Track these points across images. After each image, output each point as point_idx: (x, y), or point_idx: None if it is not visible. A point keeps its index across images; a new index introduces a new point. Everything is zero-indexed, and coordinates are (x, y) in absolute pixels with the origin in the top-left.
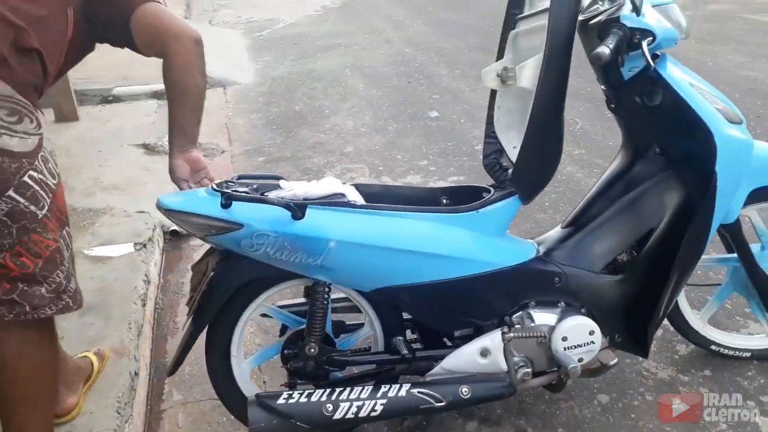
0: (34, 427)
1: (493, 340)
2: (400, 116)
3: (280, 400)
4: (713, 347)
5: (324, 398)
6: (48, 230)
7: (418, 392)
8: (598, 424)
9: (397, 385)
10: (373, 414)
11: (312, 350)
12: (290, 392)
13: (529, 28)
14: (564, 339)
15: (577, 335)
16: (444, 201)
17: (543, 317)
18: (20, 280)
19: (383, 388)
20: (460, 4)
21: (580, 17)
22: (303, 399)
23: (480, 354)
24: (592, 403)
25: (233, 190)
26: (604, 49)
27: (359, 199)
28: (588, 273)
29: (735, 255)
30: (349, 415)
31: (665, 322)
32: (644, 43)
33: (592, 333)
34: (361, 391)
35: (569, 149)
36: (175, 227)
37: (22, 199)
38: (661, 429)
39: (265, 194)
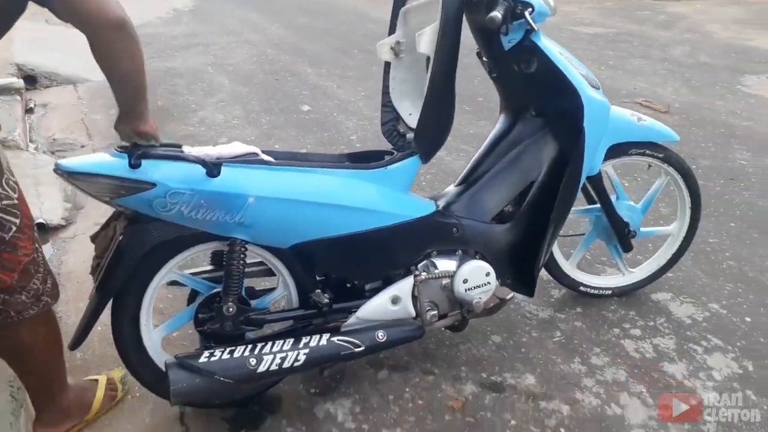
0: (53, 378)
1: (402, 287)
2: (271, 110)
3: (202, 359)
4: (581, 288)
5: (247, 353)
6: (18, 248)
7: (338, 340)
8: (495, 359)
9: (318, 335)
10: (297, 364)
11: (230, 309)
12: (211, 351)
13: (418, 4)
14: (465, 281)
15: (476, 277)
16: (347, 164)
17: (445, 264)
18: (0, 292)
19: (305, 339)
20: (314, 10)
21: None
22: (225, 356)
23: (391, 301)
24: (487, 343)
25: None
26: (497, 14)
27: (271, 160)
28: (480, 223)
29: (597, 206)
30: (273, 367)
31: (541, 271)
32: (526, 12)
33: (488, 274)
34: (283, 344)
35: None
36: (41, 220)
37: None
38: (547, 358)
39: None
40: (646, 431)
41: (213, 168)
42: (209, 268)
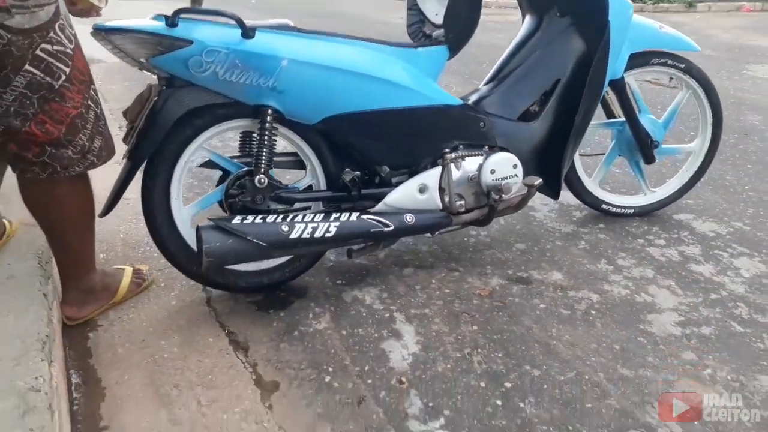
0: (84, 251)
1: (430, 176)
2: None
3: (235, 221)
4: (604, 206)
5: (280, 219)
6: (66, 99)
7: (368, 218)
8: (520, 261)
9: (348, 213)
10: (328, 235)
11: (262, 181)
12: (244, 216)
13: None
14: (492, 172)
15: (503, 167)
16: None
17: (472, 155)
18: (47, 144)
19: (335, 215)
20: (323, 13)
21: None
22: (258, 220)
23: (419, 190)
24: (512, 249)
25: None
26: None
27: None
28: (506, 120)
29: (619, 119)
30: (305, 235)
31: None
32: None
33: (515, 166)
34: (315, 216)
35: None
36: None
37: (37, 71)
38: (573, 260)
39: None
40: (679, 313)
41: (249, 29)
42: (239, 154)
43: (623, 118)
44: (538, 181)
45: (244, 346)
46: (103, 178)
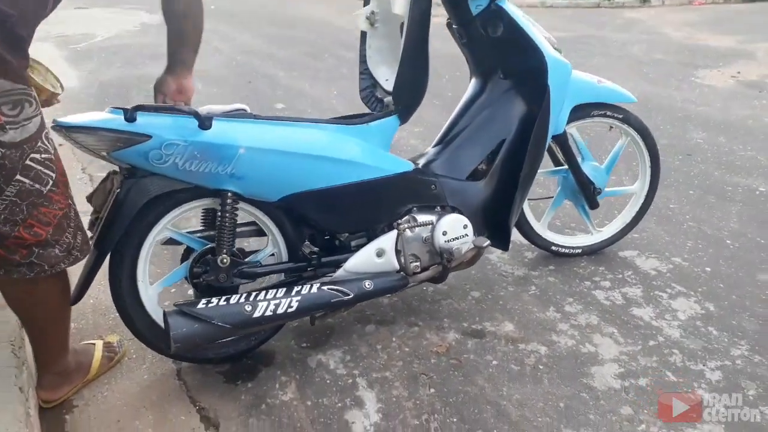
0: (60, 338)
1: (386, 240)
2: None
3: (200, 306)
4: (553, 248)
5: (242, 300)
6: (53, 202)
7: (329, 288)
8: (475, 311)
9: (308, 285)
10: (290, 311)
11: (224, 261)
12: (208, 299)
13: None
14: (444, 233)
15: (454, 228)
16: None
17: (425, 218)
18: (35, 246)
19: (297, 288)
20: (282, 20)
21: None
22: (222, 303)
23: (376, 254)
24: (467, 298)
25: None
26: None
27: (259, 116)
28: (456, 180)
29: (564, 167)
30: (268, 313)
31: (515, 234)
32: None
33: (465, 227)
34: (277, 292)
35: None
36: None
37: (27, 180)
38: (524, 308)
39: None
40: (619, 364)
41: (205, 120)
42: (201, 228)
43: (566, 166)
44: (486, 243)
45: (215, 423)
46: None
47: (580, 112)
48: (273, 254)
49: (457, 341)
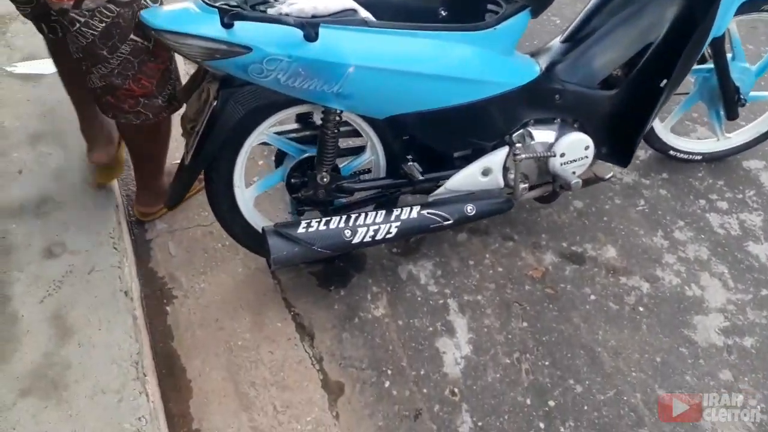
0: (159, 163)
1: (495, 159)
2: None
3: (300, 229)
4: (671, 152)
5: (342, 224)
6: (157, 56)
7: (428, 213)
8: (576, 227)
9: (408, 208)
10: (389, 236)
11: (324, 179)
12: (307, 221)
13: None
14: (562, 155)
15: (574, 150)
16: (442, 12)
17: (542, 135)
18: (141, 96)
19: (395, 212)
20: None
21: None
22: (322, 227)
23: (482, 173)
24: (569, 209)
25: (225, 4)
26: None
27: (369, 15)
28: (585, 89)
29: (707, 65)
30: (367, 239)
31: None
32: None
33: (587, 148)
34: (376, 216)
35: None
36: None
37: (138, 38)
38: (629, 229)
39: (264, 10)
40: (725, 315)
41: (311, 30)
42: (297, 126)
43: (711, 65)
44: (610, 174)
45: (309, 333)
46: None
47: (749, 4)
48: (370, 163)
49: (554, 265)
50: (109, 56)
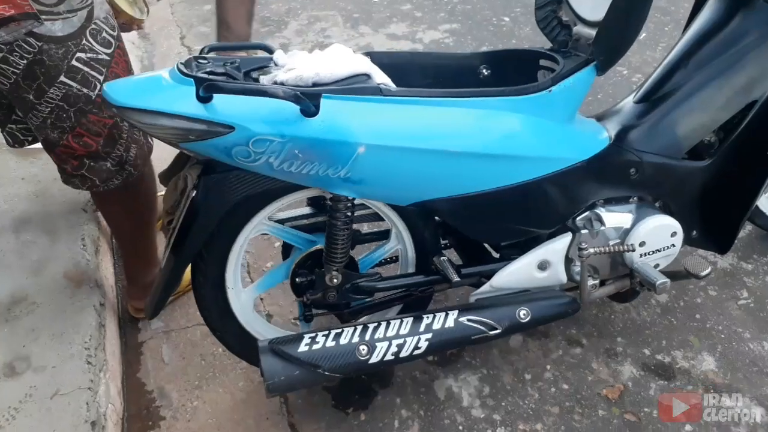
0: (147, 249)
1: (554, 249)
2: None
3: (302, 347)
4: None
5: (356, 339)
6: (103, 109)
7: (468, 320)
8: (661, 327)
9: (442, 314)
10: (417, 352)
11: (335, 280)
12: (312, 335)
13: None
14: (642, 244)
15: (658, 239)
16: (484, 71)
17: (615, 219)
18: (86, 157)
19: (426, 320)
20: None
21: None
22: (330, 342)
23: (538, 267)
24: (650, 303)
25: (208, 72)
26: None
27: (387, 80)
28: (669, 160)
29: None
30: (389, 357)
31: None
32: None
33: (674, 234)
34: (400, 326)
35: None
36: None
37: (73, 83)
38: (731, 331)
39: (257, 78)
40: None
41: (310, 103)
42: (306, 212)
43: None
44: (707, 271)
45: None
46: None
47: None
48: (396, 251)
49: (635, 381)
50: (36, 102)
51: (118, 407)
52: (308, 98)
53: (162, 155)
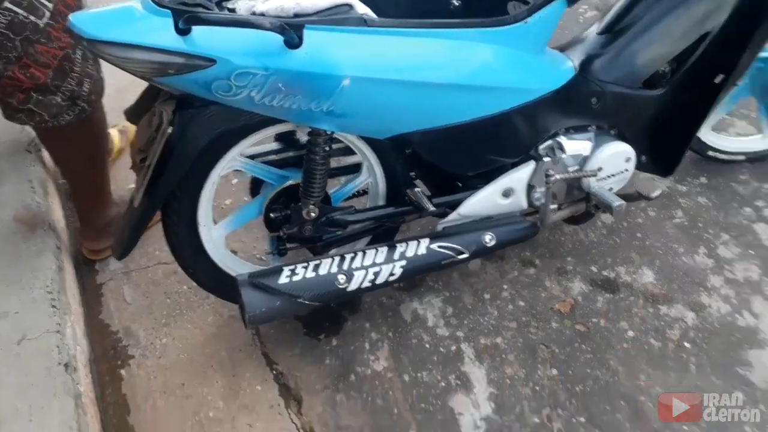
0: (98, 189)
1: (518, 177)
2: None
3: (283, 279)
4: (710, 152)
5: (335, 269)
6: (52, 39)
7: (439, 247)
8: (606, 247)
9: (415, 242)
10: (392, 278)
11: (312, 214)
12: (291, 267)
13: None
14: (599, 170)
15: (614, 164)
16: (454, 2)
17: (576, 146)
18: (33, 90)
19: (399, 248)
20: None
21: None
22: (310, 273)
23: (502, 195)
24: (596, 225)
25: (180, 2)
26: None
27: (368, 10)
28: (627, 90)
29: (764, 54)
30: (366, 284)
31: None
32: None
33: (628, 160)
34: (376, 255)
35: None
36: None
37: (19, 9)
38: (667, 247)
39: (232, 9)
40: None
41: (294, 34)
42: (276, 147)
43: (766, 55)
44: (657, 193)
45: (296, 397)
46: None
47: None
48: (366, 185)
49: (584, 296)
50: None
51: (85, 349)
52: (292, 29)
53: (118, 87)
